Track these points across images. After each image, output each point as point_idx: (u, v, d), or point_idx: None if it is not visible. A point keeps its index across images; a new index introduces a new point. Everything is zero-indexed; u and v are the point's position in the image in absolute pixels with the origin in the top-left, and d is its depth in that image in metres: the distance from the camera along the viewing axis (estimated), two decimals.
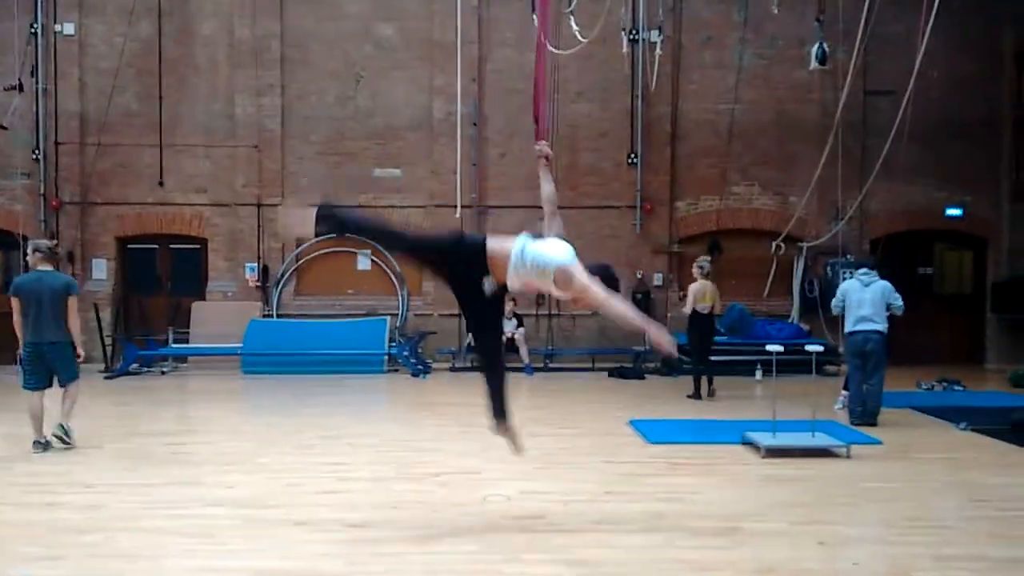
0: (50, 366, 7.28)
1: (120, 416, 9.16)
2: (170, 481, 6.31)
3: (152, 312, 13.75)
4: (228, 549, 4.86)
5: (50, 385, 7.37)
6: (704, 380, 10.43)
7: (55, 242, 7.81)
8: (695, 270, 10.49)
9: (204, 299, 13.65)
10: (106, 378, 12.03)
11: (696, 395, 10.30)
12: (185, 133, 13.70)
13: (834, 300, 9.11)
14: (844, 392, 9.38)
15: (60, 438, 7.23)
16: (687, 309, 10.42)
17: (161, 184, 13.66)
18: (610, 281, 4.89)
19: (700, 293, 10.33)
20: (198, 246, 13.92)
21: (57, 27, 13.41)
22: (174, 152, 13.68)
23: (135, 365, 12.40)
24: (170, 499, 5.83)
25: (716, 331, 10.88)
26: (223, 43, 13.69)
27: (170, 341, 12.95)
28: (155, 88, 13.57)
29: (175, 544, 4.90)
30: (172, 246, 14.00)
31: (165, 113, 13.60)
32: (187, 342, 13.15)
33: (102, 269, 13.72)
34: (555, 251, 4.79)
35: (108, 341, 13.06)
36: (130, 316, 13.79)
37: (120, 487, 6.14)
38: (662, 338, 4.71)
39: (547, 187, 5.05)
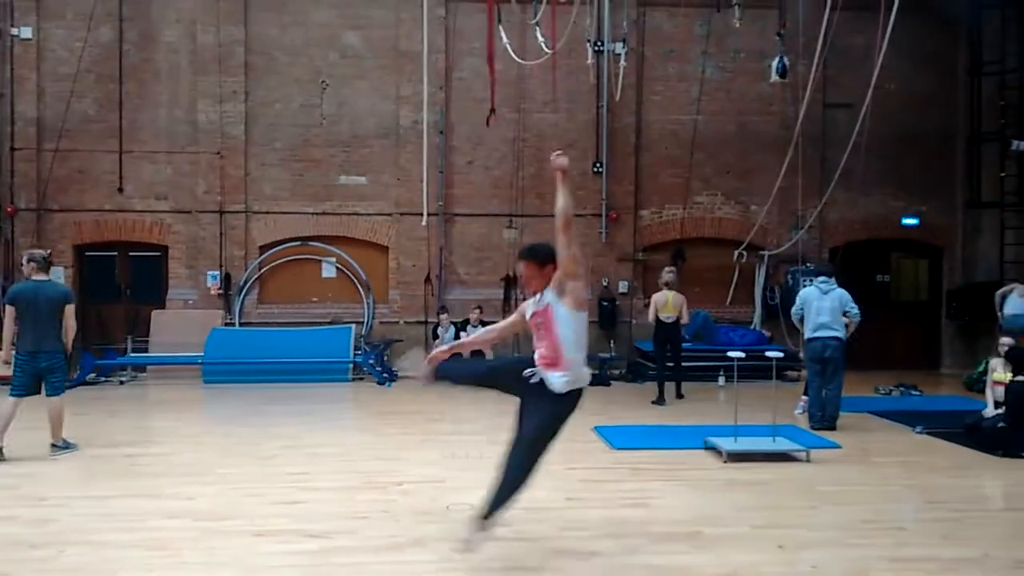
0: (42, 376, 7.37)
1: (76, 427, 8.91)
2: (127, 493, 6.18)
3: (111, 321, 13.47)
4: (184, 562, 4.78)
5: (37, 392, 7.45)
6: (671, 385, 10.72)
7: (48, 252, 7.92)
8: (659, 280, 10.76)
9: (164, 307, 13.42)
10: None
11: (660, 400, 10.42)
12: (146, 139, 13.49)
13: (794, 308, 9.32)
14: (804, 397, 9.54)
15: (62, 449, 7.46)
16: (650, 318, 10.64)
17: (121, 191, 13.42)
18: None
19: (661, 303, 10.67)
20: (158, 254, 13.70)
21: (14, 31, 13.13)
22: (134, 158, 13.47)
23: (92, 375, 12.13)
24: (126, 512, 5.71)
25: (682, 339, 11.03)
26: (186, 49, 13.53)
27: (129, 350, 12.70)
28: (115, 94, 13.35)
29: (130, 558, 4.80)
30: (132, 253, 13.75)
31: (125, 119, 13.39)
32: (146, 351, 12.91)
33: (59, 277, 13.36)
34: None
35: None
36: (88, 325, 13.46)
37: (74, 500, 6.00)
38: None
39: (560, 201, 4.62)
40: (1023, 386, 7.66)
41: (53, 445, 7.49)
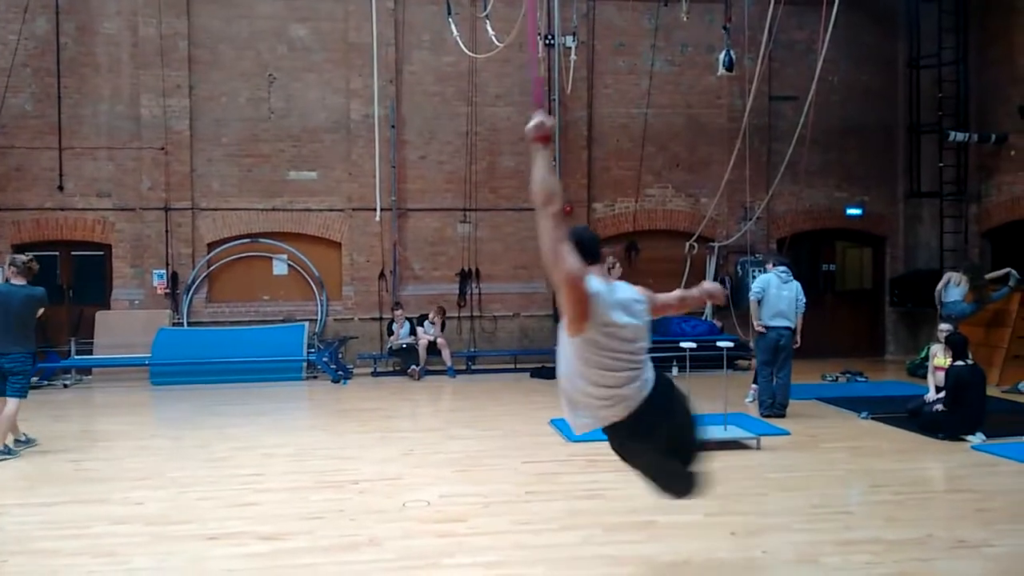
0: (5, 376, 7.38)
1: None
2: (72, 499, 6.01)
3: (53, 323, 13.02)
4: (133, 568, 4.67)
5: (1, 394, 7.44)
6: None
7: (30, 256, 7.71)
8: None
9: (109, 308, 13.06)
10: None
11: None
12: (86, 135, 13.09)
13: (754, 289, 9.14)
14: (753, 386, 9.71)
15: (10, 450, 7.43)
16: None
17: (61, 188, 13.00)
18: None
19: None
20: (101, 253, 13.31)
21: None
22: (74, 155, 13.05)
23: (35, 378, 11.74)
24: (71, 518, 5.55)
25: None
26: (127, 42, 13.14)
27: (72, 352, 12.33)
28: (53, 88, 12.91)
29: (75, 566, 4.68)
30: (74, 253, 13.34)
31: (64, 114, 12.96)
32: (91, 353, 12.55)
33: None
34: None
35: None
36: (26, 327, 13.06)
37: (16, 507, 5.82)
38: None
39: (536, 173, 3.24)
40: (961, 370, 7.93)
41: (7, 447, 7.43)
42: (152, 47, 13.04)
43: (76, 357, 12.28)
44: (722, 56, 12.01)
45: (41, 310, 7.62)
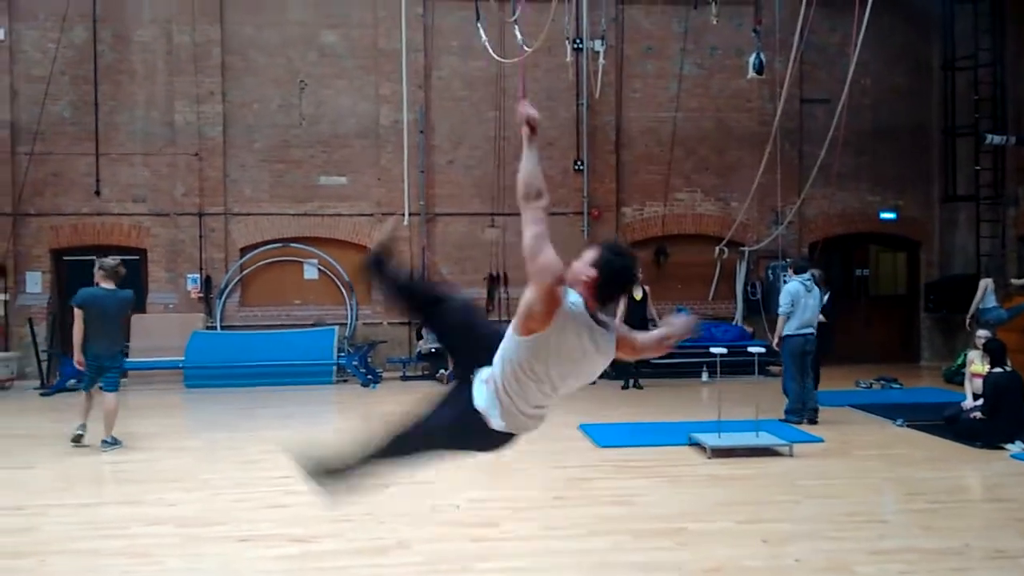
0: (103, 374, 7.89)
1: (56, 434, 8.81)
2: (108, 500, 6.13)
3: None
4: (167, 569, 4.74)
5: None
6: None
7: (118, 260, 8.12)
8: None
9: (144, 311, 13.28)
10: (42, 395, 11.62)
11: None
12: (122, 141, 13.34)
13: (784, 304, 9.00)
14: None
15: (109, 444, 7.82)
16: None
17: (98, 194, 13.26)
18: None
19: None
20: (137, 257, 13.53)
21: None
22: (111, 161, 13.31)
23: (72, 381, 11.96)
24: (108, 519, 5.66)
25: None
26: (161, 50, 13.38)
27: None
28: (90, 95, 13.19)
29: (112, 566, 4.76)
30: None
31: (101, 121, 13.22)
32: (126, 356, 12.75)
33: (36, 282, 13.24)
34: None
35: (44, 357, 12.59)
36: (67, 331, 13.24)
37: (54, 508, 5.93)
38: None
39: (525, 165, 3.17)
40: (1000, 378, 7.77)
41: (104, 441, 7.82)
42: (186, 54, 13.26)
43: None
44: (752, 59, 11.91)
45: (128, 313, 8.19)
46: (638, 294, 11.18)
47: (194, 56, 13.25)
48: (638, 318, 10.86)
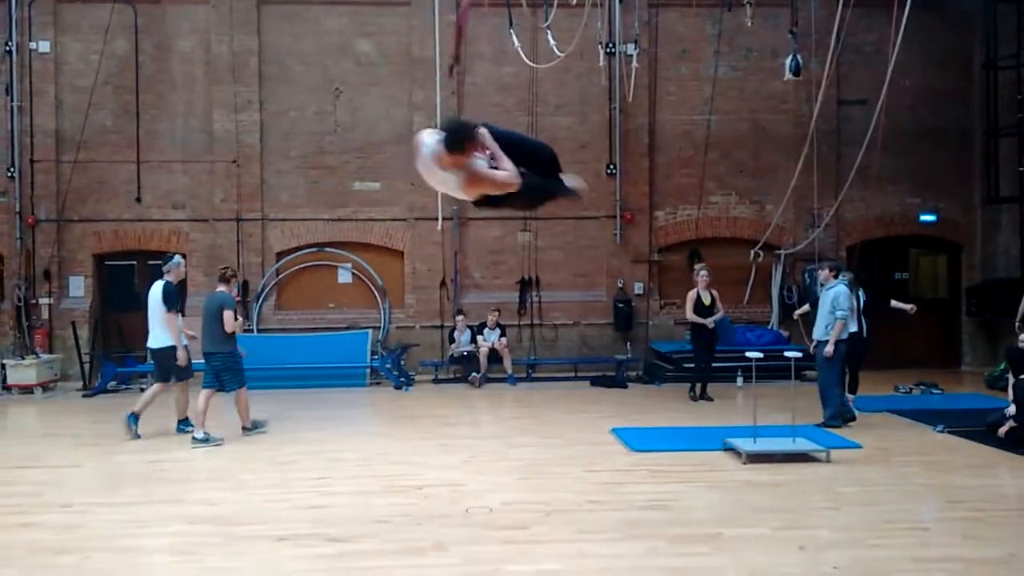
0: (216, 373, 8.68)
1: (99, 435, 9.06)
2: (150, 499, 6.26)
3: (130, 329, 13.56)
4: (208, 567, 4.83)
5: (220, 389, 8.73)
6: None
7: (226, 267, 9.47)
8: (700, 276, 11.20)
9: (183, 315, 13.51)
10: (84, 396, 11.90)
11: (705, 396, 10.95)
12: (162, 149, 13.63)
13: (845, 307, 8.82)
14: (849, 396, 9.40)
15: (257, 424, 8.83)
16: (694, 316, 10.97)
17: (139, 200, 13.56)
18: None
19: (705, 299, 11.03)
20: None
21: (32, 45, 13.31)
22: (151, 168, 13.61)
23: (113, 383, 12.26)
24: (150, 517, 5.78)
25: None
26: (200, 59, 13.66)
27: (148, 358, 12.79)
28: (132, 105, 13.50)
29: (154, 563, 4.87)
30: (150, 262, 13.86)
31: (142, 129, 13.52)
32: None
33: (79, 286, 13.58)
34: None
35: (86, 359, 12.90)
36: (108, 333, 13.64)
37: (98, 506, 6.08)
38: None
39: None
40: None
41: (244, 428, 8.77)
42: (224, 64, 13.51)
43: (151, 362, 12.72)
44: (788, 61, 11.78)
45: (228, 313, 8.63)
46: (707, 298, 11.04)
47: (232, 66, 13.49)
48: (707, 316, 11.00)
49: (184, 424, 9.02)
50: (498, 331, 12.98)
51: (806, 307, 10.74)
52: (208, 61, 13.58)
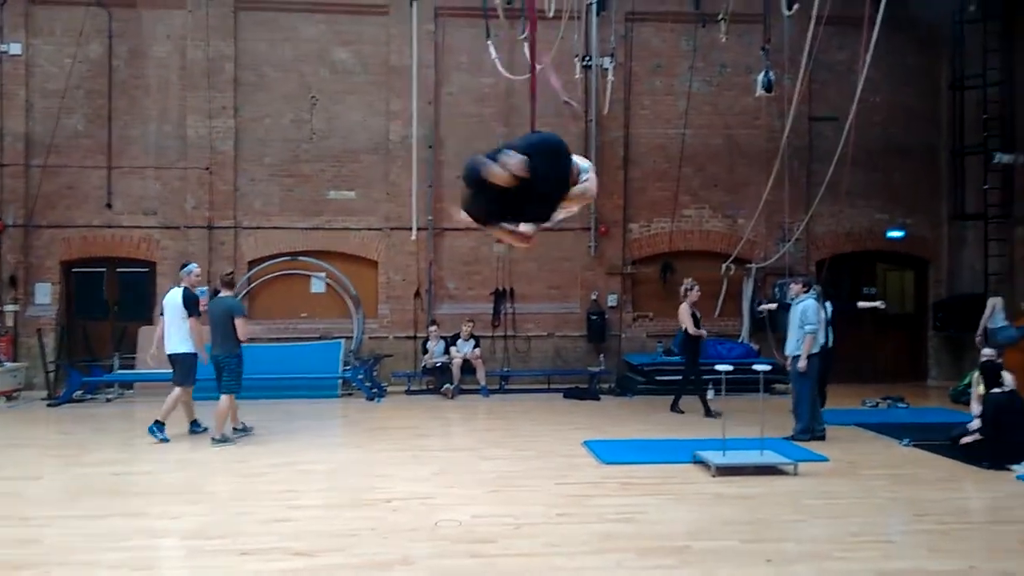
0: (216, 373, 8.91)
1: (61, 445, 8.89)
2: (112, 512, 6.14)
3: (97, 337, 13.37)
4: None
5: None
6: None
7: (230, 273, 9.63)
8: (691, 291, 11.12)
9: (152, 324, 13.32)
10: (48, 406, 11.65)
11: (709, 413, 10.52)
12: (134, 155, 13.47)
13: (813, 322, 8.96)
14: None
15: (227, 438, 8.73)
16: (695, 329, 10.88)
17: (109, 206, 13.38)
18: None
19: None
20: (146, 269, 13.64)
21: (3, 47, 13.10)
22: (122, 174, 13.43)
23: (79, 392, 12.04)
24: (112, 531, 5.67)
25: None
26: (175, 65, 13.53)
27: (116, 367, 12.62)
28: (104, 109, 13.33)
29: None
30: (120, 270, 13.70)
31: (114, 134, 13.36)
32: (134, 368, 12.82)
33: (46, 293, 13.35)
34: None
35: (51, 368, 12.67)
36: (74, 342, 13.41)
37: (58, 520, 5.96)
38: None
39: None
40: (1000, 398, 7.72)
41: (213, 439, 8.65)
42: (199, 69, 13.40)
43: (119, 372, 12.56)
44: (761, 77, 11.94)
45: (240, 320, 8.88)
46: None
47: (207, 71, 13.39)
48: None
49: (196, 425, 9.35)
50: (472, 342, 12.96)
51: (775, 304, 11.31)
52: (183, 66, 13.47)
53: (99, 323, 13.55)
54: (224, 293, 9.12)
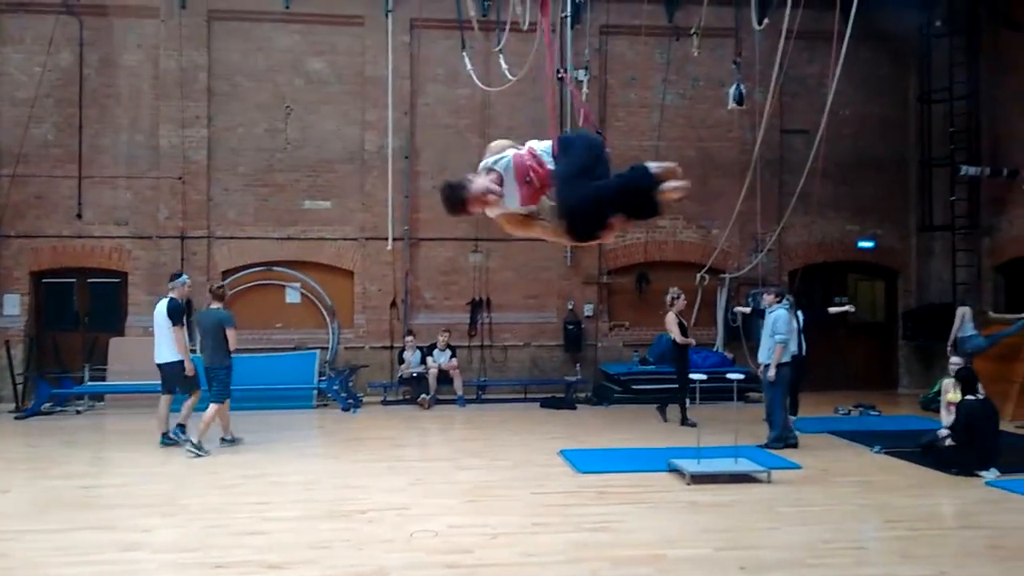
0: (208, 381, 9.08)
1: (30, 458, 8.73)
2: (82, 526, 6.04)
3: (68, 349, 13.15)
4: None
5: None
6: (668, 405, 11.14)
7: (221, 285, 9.78)
8: (677, 300, 11.21)
9: (123, 335, 13.16)
10: (16, 418, 11.42)
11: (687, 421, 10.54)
12: (105, 164, 13.31)
13: (784, 331, 9.09)
14: (791, 418, 9.57)
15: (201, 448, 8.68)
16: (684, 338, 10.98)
17: (79, 216, 13.19)
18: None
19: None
20: (118, 280, 13.45)
21: None
22: (93, 184, 13.26)
23: (48, 404, 11.83)
24: (81, 545, 5.58)
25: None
26: (148, 74, 13.41)
27: (86, 379, 12.42)
28: (75, 118, 13.16)
29: None
30: (90, 280, 13.50)
31: (85, 144, 13.19)
32: (104, 380, 12.63)
33: (15, 304, 13.10)
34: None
35: (20, 380, 12.43)
36: (44, 353, 13.17)
37: (26, 533, 5.84)
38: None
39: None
40: (973, 405, 7.86)
41: (189, 441, 8.73)
42: (172, 79, 13.29)
43: (89, 383, 12.36)
44: (732, 90, 12.12)
45: (231, 331, 9.02)
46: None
47: (180, 81, 13.28)
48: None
49: (181, 429, 9.32)
50: (448, 352, 12.94)
51: (748, 308, 11.64)
52: (156, 76, 13.35)
53: (69, 334, 13.32)
54: (215, 305, 9.27)
